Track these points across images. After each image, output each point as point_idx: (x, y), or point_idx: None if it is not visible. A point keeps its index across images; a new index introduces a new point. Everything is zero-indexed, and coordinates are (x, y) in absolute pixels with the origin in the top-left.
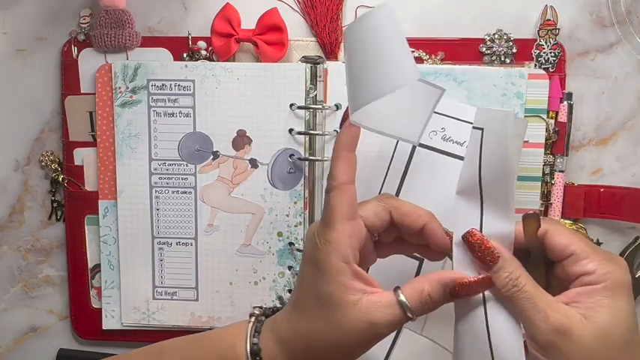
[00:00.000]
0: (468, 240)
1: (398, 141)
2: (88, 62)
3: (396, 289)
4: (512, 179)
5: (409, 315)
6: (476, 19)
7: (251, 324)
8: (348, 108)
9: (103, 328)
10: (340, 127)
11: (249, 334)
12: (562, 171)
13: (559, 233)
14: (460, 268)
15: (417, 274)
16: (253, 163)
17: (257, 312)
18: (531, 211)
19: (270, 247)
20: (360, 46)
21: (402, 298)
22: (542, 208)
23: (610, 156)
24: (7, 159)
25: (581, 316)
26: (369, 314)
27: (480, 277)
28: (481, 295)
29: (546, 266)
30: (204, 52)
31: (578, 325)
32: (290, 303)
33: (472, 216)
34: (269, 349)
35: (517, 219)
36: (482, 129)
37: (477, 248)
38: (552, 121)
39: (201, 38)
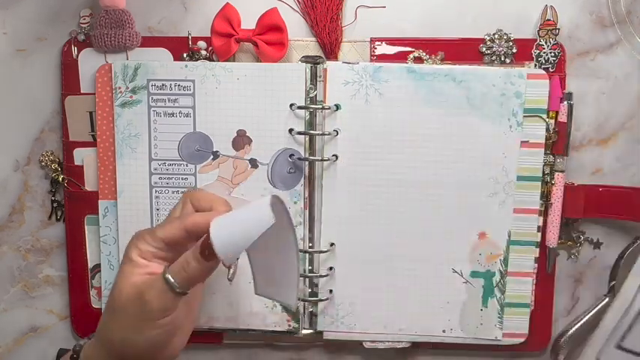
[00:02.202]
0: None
1: None
2: (88, 62)
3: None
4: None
5: (179, 291)
6: (476, 19)
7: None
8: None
9: None
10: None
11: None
12: (562, 171)
13: None
14: None
15: None
16: (253, 163)
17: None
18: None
19: None
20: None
21: (168, 276)
22: (542, 208)
23: (610, 156)
24: (7, 159)
25: None
26: (136, 287)
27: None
28: None
29: None
30: (204, 52)
31: None
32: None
33: None
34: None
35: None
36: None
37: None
38: (552, 121)
39: (201, 38)
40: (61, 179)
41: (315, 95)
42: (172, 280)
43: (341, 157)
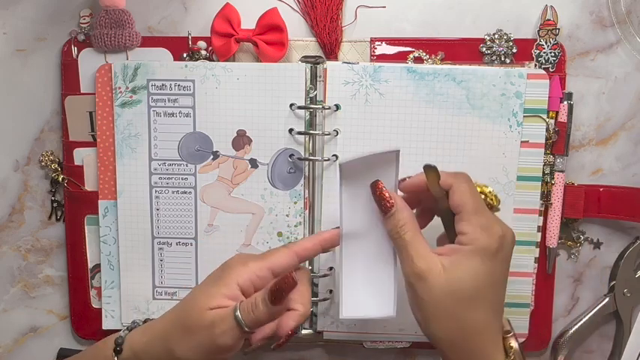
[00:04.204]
0: (372, 188)
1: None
2: (88, 62)
3: (235, 306)
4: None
5: (247, 330)
6: (476, 19)
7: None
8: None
9: (103, 328)
10: None
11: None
12: (562, 171)
13: (457, 191)
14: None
15: None
16: (253, 163)
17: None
18: (432, 164)
19: (270, 247)
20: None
21: (238, 314)
22: (542, 208)
23: (610, 156)
24: (7, 159)
25: (442, 267)
26: (213, 319)
27: (289, 275)
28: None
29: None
30: (204, 52)
31: (434, 275)
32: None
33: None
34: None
35: (517, 219)
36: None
37: (377, 196)
38: (552, 121)
39: (201, 38)
40: (61, 179)
41: (315, 95)
42: (242, 318)
43: (341, 157)
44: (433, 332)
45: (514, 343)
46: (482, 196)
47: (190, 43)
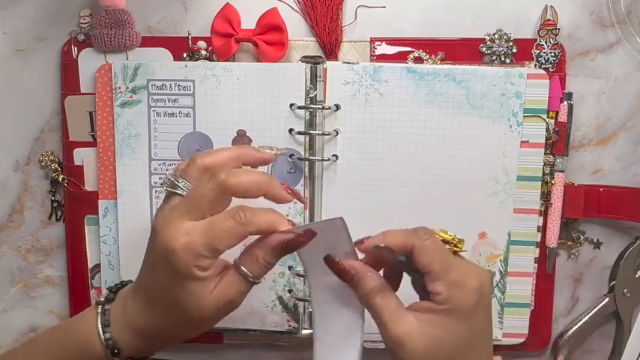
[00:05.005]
0: (327, 263)
1: None
2: (88, 62)
3: (235, 262)
4: None
5: (253, 281)
6: (476, 19)
7: (99, 317)
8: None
9: None
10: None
11: (100, 330)
12: (562, 171)
13: (421, 252)
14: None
15: None
16: None
17: (101, 299)
18: (382, 245)
19: None
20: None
21: (244, 270)
22: (542, 208)
23: (610, 156)
24: (7, 159)
25: (419, 329)
26: (225, 296)
27: (302, 232)
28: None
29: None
30: (204, 52)
31: (412, 339)
32: (141, 291)
33: None
34: (126, 341)
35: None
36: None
37: (334, 270)
38: (552, 121)
39: (201, 38)
40: (61, 179)
41: (315, 95)
42: (250, 273)
43: (341, 157)
44: None
45: None
46: (447, 245)
47: (190, 43)
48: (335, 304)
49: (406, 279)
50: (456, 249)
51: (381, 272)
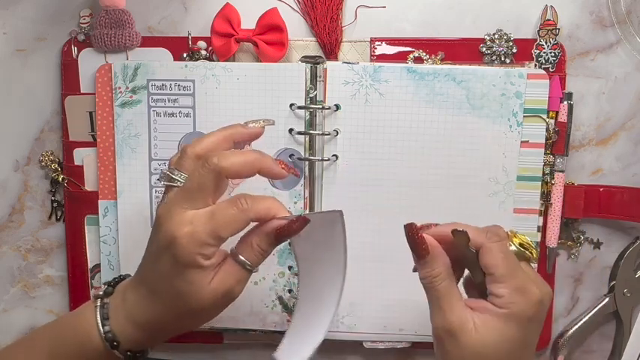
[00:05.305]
0: (406, 230)
1: None
2: (88, 62)
3: (232, 251)
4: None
5: (250, 269)
6: (476, 19)
7: (97, 310)
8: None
9: None
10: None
11: (99, 323)
12: (562, 171)
13: (488, 252)
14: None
15: None
16: None
17: (100, 293)
18: (461, 229)
19: None
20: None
21: (241, 258)
22: (542, 208)
23: (610, 156)
24: (7, 159)
25: (474, 326)
26: (224, 285)
27: (295, 218)
28: None
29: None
30: (204, 52)
31: (465, 333)
32: (142, 283)
33: None
34: (126, 334)
35: (517, 219)
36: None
37: (411, 239)
38: (552, 121)
39: (201, 38)
40: (61, 179)
41: (315, 95)
42: (247, 261)
43: (341, 157)
44: None
45: None
46: (521, 248)
47: (190, 43)
48: (318, 301)
49: None
50: (527, 255)
51: None
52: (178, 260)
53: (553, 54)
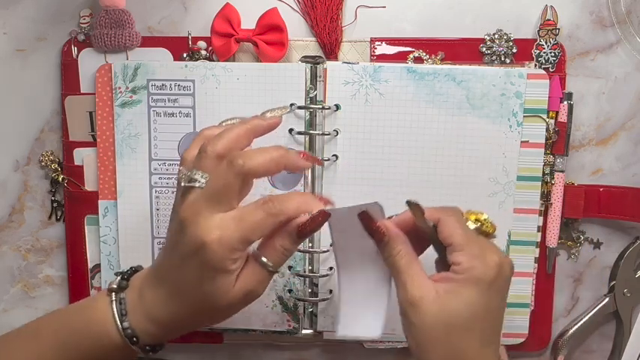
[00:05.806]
0: (360, 218)
1: None
2: (88, 62)
3: (254, 253)
4: None
5: (272, 270)
6: (476, 19)
7: (114, 305)
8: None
9: None
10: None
11: (117, 320)
12: (562, 171)
13: (445, 224)
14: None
15: None
16: None
17: (114, 286)
18: (413, 201)
19: None
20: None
21: (264, 260)
22: (542, 208)
23: (610, 156)
24: (7, 159)
25: (436, 294)
26: (246, 286)
27: (318, 213)
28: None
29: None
30: (204, 52)
31: (427, 302)
32: (162, 283)
33: None
34: (145, 330)
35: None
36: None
37: (366, 225)
38: (552, 121)
39: (201, 38)
40: (61, 179)
41: (315, 95)
42: (270, 263)
43: (341, 157)
44: (424, 359)
45: None
46: (478, 224)
47: (190, 43)
48: (361, 279)
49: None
50: (483, 229)
51: None
52: (208, 265)
53: (553, 54)
